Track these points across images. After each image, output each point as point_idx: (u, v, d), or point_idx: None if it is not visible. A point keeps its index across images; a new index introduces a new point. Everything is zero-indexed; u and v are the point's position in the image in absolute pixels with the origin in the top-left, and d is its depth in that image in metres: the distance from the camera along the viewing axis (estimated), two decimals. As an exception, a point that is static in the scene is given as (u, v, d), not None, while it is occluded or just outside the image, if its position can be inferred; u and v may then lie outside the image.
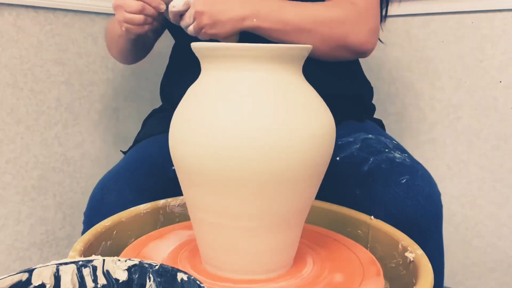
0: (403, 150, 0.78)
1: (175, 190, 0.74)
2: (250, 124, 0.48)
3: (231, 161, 0.48)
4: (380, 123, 0.99)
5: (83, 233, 0.74)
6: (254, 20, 0.74)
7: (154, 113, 1.03)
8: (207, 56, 0.53)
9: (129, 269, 0.42)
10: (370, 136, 0.81)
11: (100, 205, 0.73)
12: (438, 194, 0.71)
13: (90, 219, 0.73)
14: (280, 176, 0.49)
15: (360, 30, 0.79)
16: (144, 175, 0.77)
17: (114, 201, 0.72)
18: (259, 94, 0.50)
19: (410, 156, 0.75)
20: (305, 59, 0.54)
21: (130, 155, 0.85)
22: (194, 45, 0.53)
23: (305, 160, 0.49)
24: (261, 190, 0.49)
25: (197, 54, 0.54)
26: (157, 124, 0.95)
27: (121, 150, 0.98)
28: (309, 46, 0.53)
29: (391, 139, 0.83)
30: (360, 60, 0.99)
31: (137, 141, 0.94)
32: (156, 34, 1.03)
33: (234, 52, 0.50)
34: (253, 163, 0.47)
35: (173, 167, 0.57)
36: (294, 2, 0.78)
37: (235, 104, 0.49)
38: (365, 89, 0.98)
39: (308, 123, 0.50)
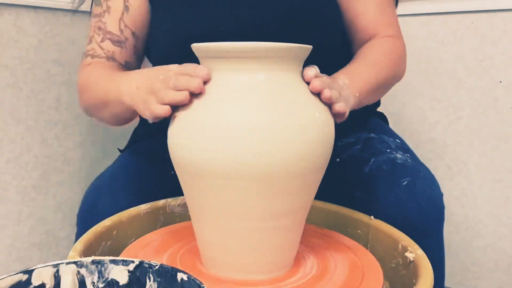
0: (405, 150, 0.76)
1: (171, 194, 0.73)
2: (249, 124, 0.48)
3: (231, 161, 0.48)
4: (383, 117, 0.96)
5: (77, 234, 0.73)
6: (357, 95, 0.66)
7: None
8: (207, 57, 0.52)
9: (129, 269, 0.42)
10: (372, 135, 0.79)
11: (94, 209, 0.72)
12: (440, 196, 0.70)
13: (84, 222, 0.72)
14: (279, 176, 0.49)
15: (404, 58, 0.82)
16: (140, 179, 0.76)
17: (108, 206, 0.71)
18: (258, 94, 0.50)
19: (412, 156, 0.74)
20: (305, 59, 0.54)
21: (126, 156, 0.83)
22: (194, 46, 0.53)
23: (304, 160, 0.49)
24: (261, 190, 0.49)
25: (197, 55, 0.54)
26: (152, 126, 0.92)
27: (118, 148, 0.96)
28: (309, 46, 0.53)
29: (394, 137, 0.81)
30: None
31: (132, 141, 0.92)
32: (139, 60, 0.88)
33: (234, 52, 0.50)
34: (252, 163, 0.48)
35: (172, 172, 0.56)
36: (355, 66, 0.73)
37: (235, 104, 0.49)
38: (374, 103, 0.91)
39: (307, 124, 0.50)
